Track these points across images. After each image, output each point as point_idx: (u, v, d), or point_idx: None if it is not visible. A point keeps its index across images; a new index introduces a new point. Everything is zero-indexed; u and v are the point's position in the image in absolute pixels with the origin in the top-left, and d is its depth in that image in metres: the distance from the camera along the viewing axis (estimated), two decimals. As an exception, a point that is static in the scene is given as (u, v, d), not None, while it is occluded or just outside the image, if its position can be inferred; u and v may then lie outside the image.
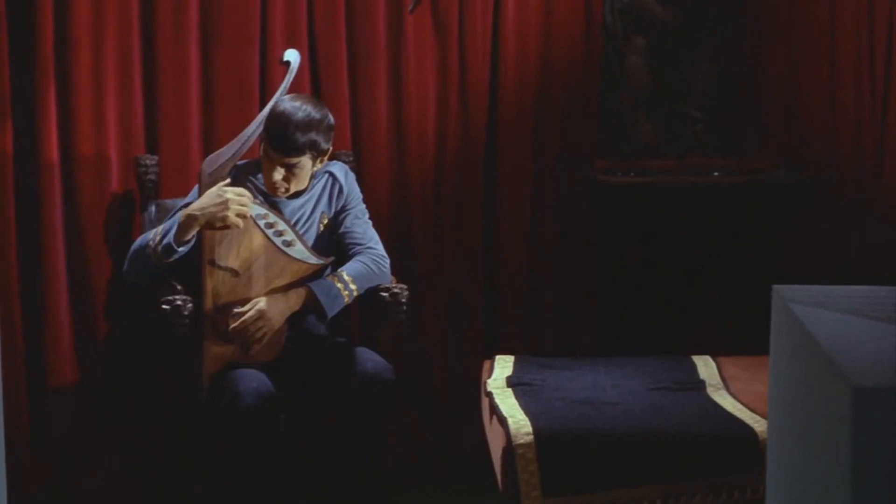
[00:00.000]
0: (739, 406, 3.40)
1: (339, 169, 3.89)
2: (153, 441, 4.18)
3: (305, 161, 3.65)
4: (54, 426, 4.23)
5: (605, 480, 3.17)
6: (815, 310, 2.11)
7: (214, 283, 3.63)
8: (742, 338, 4.19)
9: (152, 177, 4.15)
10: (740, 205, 4.52)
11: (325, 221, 3.81)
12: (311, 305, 3.67)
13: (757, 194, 4.51)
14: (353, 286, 3.69)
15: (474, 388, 3.99)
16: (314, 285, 3.67)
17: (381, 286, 3.78)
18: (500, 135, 4.55)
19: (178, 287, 3.73)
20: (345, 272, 3.71)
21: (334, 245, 3.84)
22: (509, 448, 3.17)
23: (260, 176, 3.77)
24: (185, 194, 4.18)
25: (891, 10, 4.33)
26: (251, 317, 3.60)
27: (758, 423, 3.21)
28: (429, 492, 4.25)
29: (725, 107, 4.65)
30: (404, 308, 3.80)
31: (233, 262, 3.65)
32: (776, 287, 2.32)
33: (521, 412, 3.31)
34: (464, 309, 4.55)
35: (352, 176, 3.92)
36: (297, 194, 3.77)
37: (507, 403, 3.41)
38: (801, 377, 2.05)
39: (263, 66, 4.30)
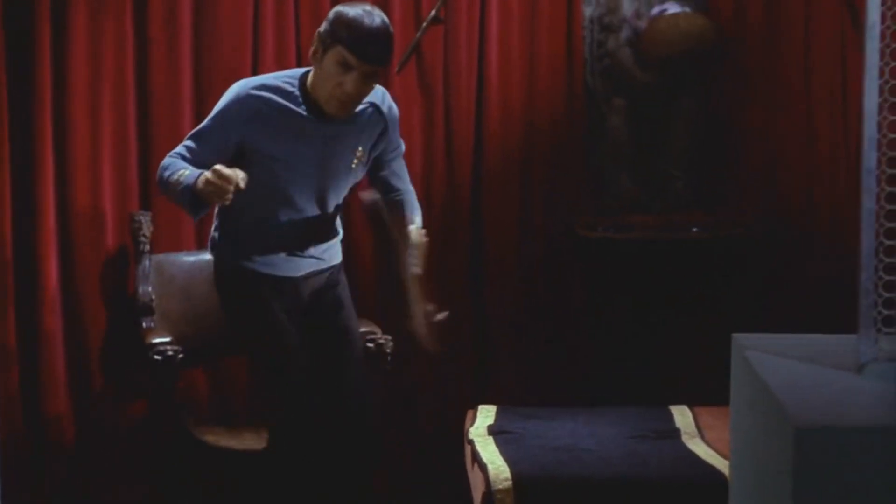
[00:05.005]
0: (712, 453, 3.51)
1: (382, 101, 3.55)
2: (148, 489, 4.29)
3: (380, 73, 3.42)
4: (52, 477, 4.34)
5: (582, 525, 3.28)
6: (769, 356, 2.24)
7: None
8: (725, 388, 4.28)
9: (146, 232, 4.27)
10: (719, 259, 4.64)
11: (360, 156, 3.52)
12: None
13: (736, 249, 4.63)
14: None
15: (459, 436, 4.09)
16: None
17: (367, 336, 3.88)
18: (485, 190, 4.67)
19: (169, 339, 3.85)
20: (417, 217, 3.59)
21: (372, 179, 3.67)
22: (489, 493, 3.28)
23: (290, 98, 3.42)
24: (179, 249, 4.35)
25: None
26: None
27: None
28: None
29: (704, 164, 4.78)
30: (389, 359, 3.92)
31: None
32: (735, 336, 2.45)
33: (501, 459, 3.42)
34: (451, 359, 4.64)
35: (393, 107, 3.60)
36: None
37: (488, 450, 3.52)
38: (755, 420, 2.17)
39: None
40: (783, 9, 4.70)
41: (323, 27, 3.35)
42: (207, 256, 3.83)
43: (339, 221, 3.65)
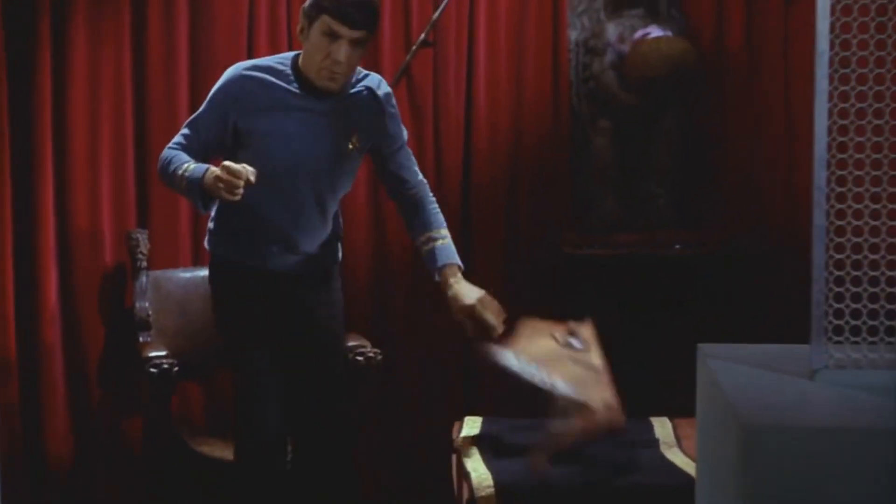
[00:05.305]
0: (689, 461, 3.62)
1: (379, 86, 3.54)
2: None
3: (367, 40, 3.39)
4: (52, 486, 4.46)
5: (562, 531, 3.40)
6: (728, 364, 2.36)
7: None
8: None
9: (143, 249, 4.40)
10: (702, 275, 4.77)
11: (355, 141, 3.50)
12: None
13: (718, 265, 4.76)
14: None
15: (446, 448, 4.20)
16: (453, 259, 3.57)
17: (357, 349, 4.00)
18: (473, 209, 4.81)
19: (165, 353, 3.98)
20: (441, 228, 3.61)
21: (383, 176, 3.66)
22: (472, 501, 3.39)
23: (281, 77, 3.44)
24: (175, 266, 4.48)
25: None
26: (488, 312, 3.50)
27: (704, 478, 3.43)
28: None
29: (686, 183, 4.91)
30: (378, 371, 4.04)
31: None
32: (700, 346, 2.57)
33: (484, 467, 3.53)
34: (440, 370, 4.78)
35: (391, 96, 3.58)
36: (332, 93, 3.44)
37: (473, 459, 3.63)
38: (715, 424, 2.30)
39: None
40: (762, 31, 4.84)
41: (306, 2, 3.37)
42: (203, 273, 3.96)
43: (339, 221, 3.64)
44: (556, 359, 3.59)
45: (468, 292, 3.50)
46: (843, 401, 2.11)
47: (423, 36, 4.70)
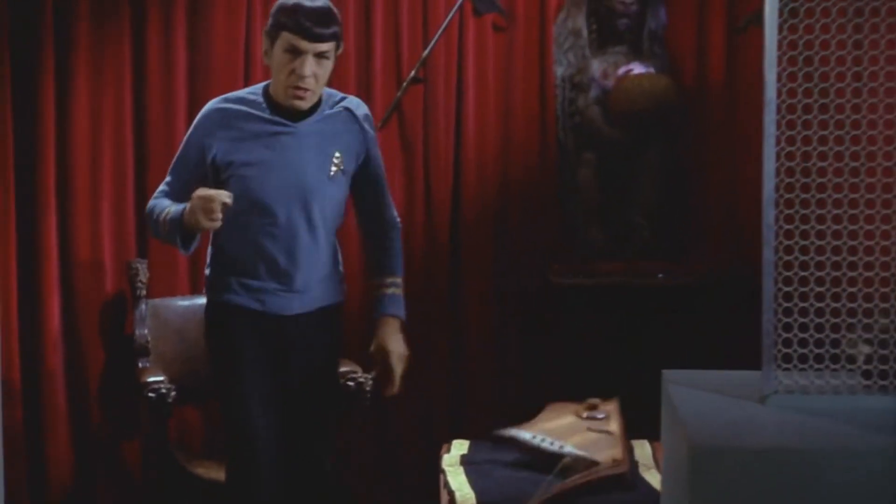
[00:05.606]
0: (664, 483, 3.77)
1: (357, 107, 3.58)
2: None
3: (332, 52, 3.40)
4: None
5: (541, 547, 3.54)
6: (687, 389, 2.52)
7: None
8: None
9: (143, 278, 4.55)
10: (684, 303, 4.91)
11: (339, 163, 3.50)
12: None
13: (699, 294, 4.91)
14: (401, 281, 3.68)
15: (435, 468, 4.34)
16: (397, 311, 3.60)
17: (348, 375, 4.15)
18: (462, 240, 4.96)
19: (163, 378, 4.13)
20: (398, 277, 3.65)
21: (359, 210, 3.71)
22: (455, 518, 3.55)
23: (253, 105, 3.47)
24: (173, 294, 4.62)
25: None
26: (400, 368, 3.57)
27: (679, 499, 3.58)
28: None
29: (669, 214, 5.06)
30: (369, 396, 4.19)
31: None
32: (664, 371, 2.73)
33: (468, 486, 3.70)
34: (429, 395, 4.91)
35: (370, 119, 3.63)
36: (307, 114, 3.47)
37: (458, 479, 3.80)
38: (673, 445, 2.45)
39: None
40: (742, 67, 4.99)
41: (267, 24, 3.40)
42: (200, 301, 4.05)
43: (338, 257, 3.62)
44: (573, 431, 3.91)
45: (397, 344, 3.57)
46: (789, 424, 2.27)
47: (413, 72, 4.85)
